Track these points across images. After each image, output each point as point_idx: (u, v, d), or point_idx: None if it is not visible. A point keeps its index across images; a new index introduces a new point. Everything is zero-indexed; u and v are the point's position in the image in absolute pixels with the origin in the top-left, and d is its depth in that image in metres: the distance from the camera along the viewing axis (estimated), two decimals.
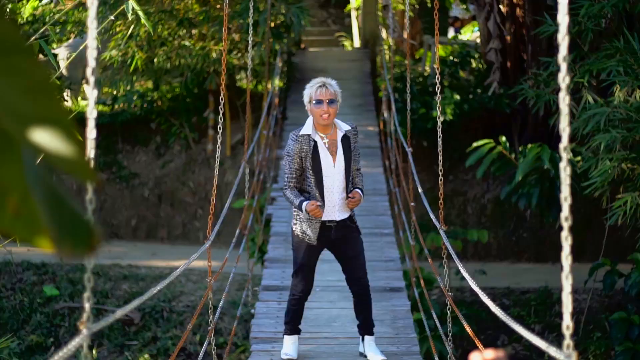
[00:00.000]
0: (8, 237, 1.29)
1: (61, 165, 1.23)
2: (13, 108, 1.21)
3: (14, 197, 1.21)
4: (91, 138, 1.82)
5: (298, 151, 5.51)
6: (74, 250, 1.26)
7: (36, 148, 1.22)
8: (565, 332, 2.08)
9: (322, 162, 5.55)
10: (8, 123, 1.21)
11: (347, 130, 5.66)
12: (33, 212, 1.22)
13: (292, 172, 5.52)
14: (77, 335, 2.10)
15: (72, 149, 1.23)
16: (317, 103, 5.57)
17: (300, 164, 5.52)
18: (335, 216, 5.59)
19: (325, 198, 5.54)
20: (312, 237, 5.55)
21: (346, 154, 5.61)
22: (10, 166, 1.22)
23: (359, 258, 5.68)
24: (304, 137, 5.56)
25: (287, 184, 5.55)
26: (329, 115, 5.57)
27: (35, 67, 1.23)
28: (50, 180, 1.27)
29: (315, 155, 5.54)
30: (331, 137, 5.63)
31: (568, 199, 2.00)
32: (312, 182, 5.52)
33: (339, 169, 5.59)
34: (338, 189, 5.58)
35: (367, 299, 5.76)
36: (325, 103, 5.56)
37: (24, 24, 11.59)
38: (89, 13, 1.81)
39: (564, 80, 1.94)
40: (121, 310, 2.72)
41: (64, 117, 1.24)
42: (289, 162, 5.54)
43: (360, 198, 5.58)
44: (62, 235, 1.24)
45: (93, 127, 1.85)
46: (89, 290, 1.92)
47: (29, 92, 1.22)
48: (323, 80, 5.66)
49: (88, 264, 1.90)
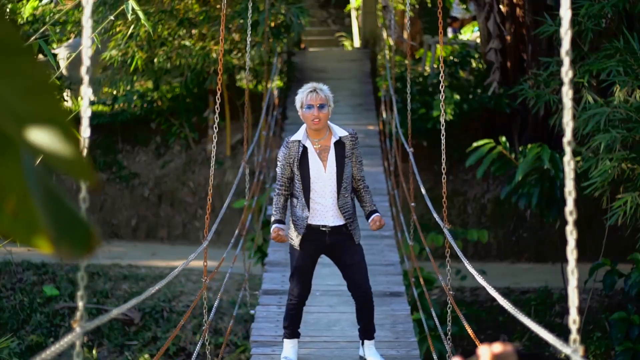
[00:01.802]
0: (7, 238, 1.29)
1: (60, 166, 1.23)
2: (12, 108, 1.21)
3: (12, 198, 1.21)
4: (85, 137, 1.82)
5: (287, 157, 5.58)
6: (73, 251, 1.26)
7: (35, 149, 1.22)
8: (572, 327, 2.08)
9: (311, 168, 5.58)
10: (7, 123, 1.21)
11: (343, 136, 5.64)
12: (32, 213, 1.22)
13: (281, 179, 5.62)
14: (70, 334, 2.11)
15: (71, 149, 1.23)
16: (307, 108, 5.59)
17: (289, 170, 5.59)
18: (328, 221, 5.60)
19: (313, 203, 5.57)
20: (296, 242, 5.62)
21: (339, 159, 5.60)
22: (9, 167, 1.21)
23: (357, 266, 5.66)
24: (294, 142, 5.60)
25: (277, 191, 5.65)
26: (320, 120, 5.59)
27: (35, 68, 1.23)
28: (49, 181, 1.26)
29: (303, 161, 5.57)
30: (323, 143, 5.63)
31: (572, 193, 1.99)
32: (300, 188, 5.57)
33: (330, 175, 5.59)
34: (330, 194, 5.59)
35: (369, 305, 5.75)
36: (316, 108, 5.57)
37: (24, 24, 11.59)
38: (84, 12, 1.81)
39: (567, 75, 1.94)
40: (117, 310, 2.72)
41: (63, 118, 1.24)
42: (279, 169, 5.64)
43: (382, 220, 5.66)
44: (60, 236, 1.24)
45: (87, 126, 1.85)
46: (82, 289, 1.93)
47: (28, 93, 1.22)
48: (314, 86, 5.68)
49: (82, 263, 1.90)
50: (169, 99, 15.33)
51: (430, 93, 14.58)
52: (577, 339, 2.10)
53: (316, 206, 5.58)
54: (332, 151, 5.61)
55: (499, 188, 13.69)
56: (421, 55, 17.04)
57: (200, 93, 15.09)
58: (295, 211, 5.63)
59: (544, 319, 11.89)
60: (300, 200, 5.57)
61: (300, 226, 5.58)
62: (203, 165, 14.96)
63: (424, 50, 17.09)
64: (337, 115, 12.51)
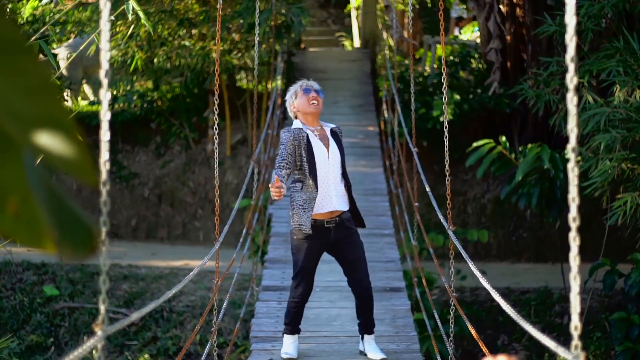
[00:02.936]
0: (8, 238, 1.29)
1: (62, 166, 1.23)
2: (13, 108, 1.21)
3: (14, 198, 1.21)
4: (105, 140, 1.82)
5: (292, 139, 5.53)
6: (75, 252, 1.26)
7: (36, 149, 1.22)
8: (574, 333, 2.08)
9: (316, 152, 5.58)
10: (8, 124, 1.21)
11: (333, 127, 5.74)
12: (34, 214, 1.22)
13: (284, 157, 5.50)
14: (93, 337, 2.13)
15: (72, 149, 1.23)
16: (305, 90, 5.62)
17: (293, 150, 5.53)
18: (334, 206, 5.58)
19: (320, 188, 5.56)
20: (307, 226, 5.51)
21: (339, 147, 5.66)
22: (11, 167, 1.21)
23: (360, 261, 5.68)
24: (296, 129, 5.61)
25: (277, 164, 5.51)
26: (318, 102, 5.62)
27: (36, 67, 1.23)
28: (51, 182, 1.26)
29: (308, 145, 5.57)
30: (321, 132, 5.69)
31: (576, 200, 1.99)
32: (307, 171, 5.53)
33: (333, 161, 5.61)
34: (334, 180, 5.60)
35: (370, 301, 5.77)
36: (313, 91, 5.61)
37: (24, 24, 11.59)
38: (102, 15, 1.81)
39: (572, 81, 1.93)
40: (137, 314, 2.75)
41: (65, 118, 1.24)
42: (282, 149, 5.53)
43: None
44: (62, 236, 1.24)
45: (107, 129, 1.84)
46: (104, 293, 1.93)
47: (29, 93, 1.22)
48: (305, 81, 5.77)
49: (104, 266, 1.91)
50: (169, 99, 15.33)
51: (430, 93, 14.58)
52: (579, 344, 2.10)
53: (322, 190, 5.57)
54: (331, 139, 5.67)
55: (499, 188, 13.69)
56: (421, 55, 17.03)
57: (200, 93, 15.09)
58: (300, 196, 5.55)
59: (544, 319, 11.89)
60: (307, 183, 5.53)
61: (308, 208, 5.51)
62: (203, 165, 14.96)
63: (423, 50, 17.08)
64: (337, 116, 12.51)
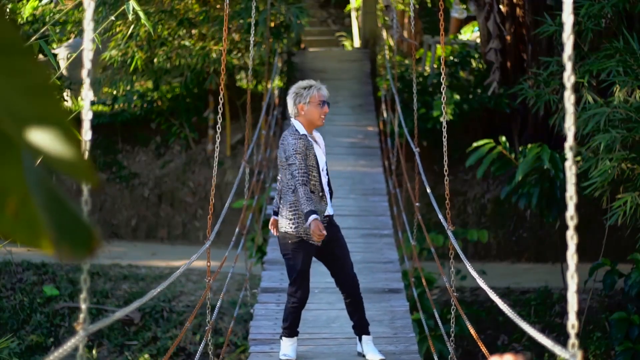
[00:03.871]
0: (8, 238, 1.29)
1: (61, 166, 1.23)
2: (13, 109, 1.21)
3: (13, 199, 1.21)
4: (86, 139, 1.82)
5: (305, 148, 5.57)
6: (74, 252, 1.26)
7: (36, 149, 1.22)
8: (571, 331, 2.08)
9: (319, 160, 5.66)
10: (8, 124, 1.21)
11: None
12: (33, 214, 1.22)
13: (305, 168, 5.53)
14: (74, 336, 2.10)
15: (71, 150, 1.23)
16: (322, 104, 5.65)
17: (306, 159, 5.58)
18: (328, 212, 5.70)
19: (321, 194, 5.64)
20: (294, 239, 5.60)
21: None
22: (10, 168, 1.21)
23: (347, 257, 5.78)
24: (304, 136, 5.62)
25: (301, 179, 5.49)
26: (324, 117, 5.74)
27: (35, 68, 1.23)
28: (50, 182, 1.26)
29: (315, 154, 5.64)
30: (315, 138, 5.76)
31: (574, 198, 1.99)
32: (317, 179, 5.60)
33: (325, 166, 5.72)
34: (325, 184, 5.70)
35: (359, 298, 5.82)
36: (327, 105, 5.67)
37: (24, 24, 11.59)
38: (86, 15, 1.81)
39: (569, 80, 1.94)
40: (120, 312, 2.72)
41: (64, 118, 1.24)
42: (299, 159, 5.52)
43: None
44: (61, 237, 1.24)
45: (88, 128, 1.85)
46: (85, 291, 1.92)
47: (29, 93, 1.22)
48: (318, 83, 5.76)
49: (84, 264, 1.90)
50: (169, 99, 15.33)
51: (430, 93, 14.57)
52: (575, 343, 2.10)
53: (322, 197, 5.67)
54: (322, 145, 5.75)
55: (499, 188, 13.69)
56: (421, 55, 17.03)
57: (200, 93, 15.09)
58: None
59: (544, 319, 11.89)
60: (317, 193, 5.59)
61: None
62: (203, 165, 14.96)
63: (423, 50, 17.08)
64: (337, 116, 12.51)
